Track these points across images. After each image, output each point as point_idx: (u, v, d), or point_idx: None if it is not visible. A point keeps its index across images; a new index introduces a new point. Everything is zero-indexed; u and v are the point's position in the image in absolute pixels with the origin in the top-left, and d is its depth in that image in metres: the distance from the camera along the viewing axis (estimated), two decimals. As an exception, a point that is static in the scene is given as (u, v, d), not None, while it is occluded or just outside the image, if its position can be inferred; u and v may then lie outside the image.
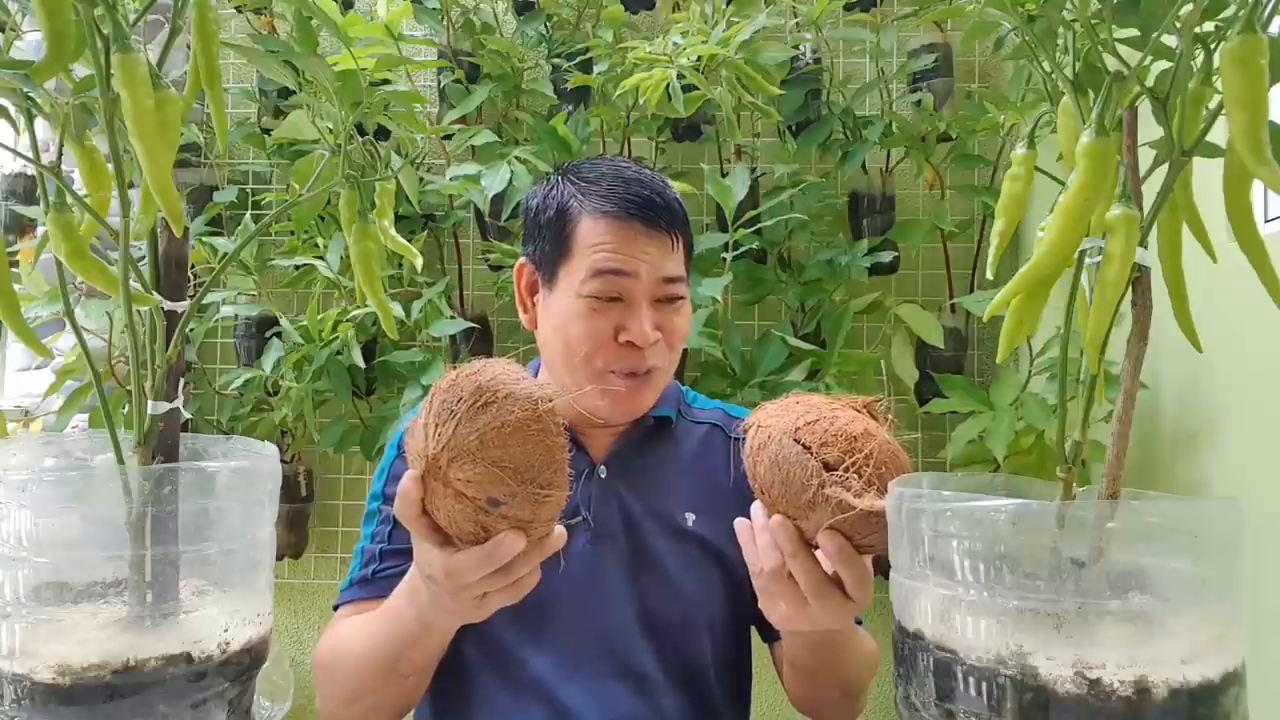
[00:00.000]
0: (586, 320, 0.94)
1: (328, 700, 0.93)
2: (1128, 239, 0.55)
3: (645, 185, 0.97)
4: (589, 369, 0.95)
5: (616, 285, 0.94)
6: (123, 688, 0.56)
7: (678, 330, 0.98)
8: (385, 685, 0.89)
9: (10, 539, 0.57)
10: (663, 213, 0.95)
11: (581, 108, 1.84)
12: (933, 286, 1.92)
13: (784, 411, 0.74)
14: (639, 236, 0.94)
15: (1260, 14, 0.50)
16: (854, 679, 0.95)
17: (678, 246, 0.98)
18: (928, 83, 1.82)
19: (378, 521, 1.00)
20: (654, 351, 0.96)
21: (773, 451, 0.71)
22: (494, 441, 0.63)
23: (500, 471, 0.64)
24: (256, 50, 0.68)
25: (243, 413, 1.82)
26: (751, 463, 0.73)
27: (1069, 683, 0.53)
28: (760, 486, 0.73)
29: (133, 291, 0.61)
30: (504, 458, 0.64)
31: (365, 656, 0.88)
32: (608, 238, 0.94)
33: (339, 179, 0.73)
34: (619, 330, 0.94)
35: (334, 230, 1.73)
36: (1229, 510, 0.57)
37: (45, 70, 0.55)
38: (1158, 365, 1.24)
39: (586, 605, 0.96)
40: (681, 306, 0.99)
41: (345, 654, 0.91)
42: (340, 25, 0.73)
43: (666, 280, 0.96)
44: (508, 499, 0.65)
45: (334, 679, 0.92)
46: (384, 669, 0.87)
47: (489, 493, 0.64)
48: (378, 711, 0.92)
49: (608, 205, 0.95)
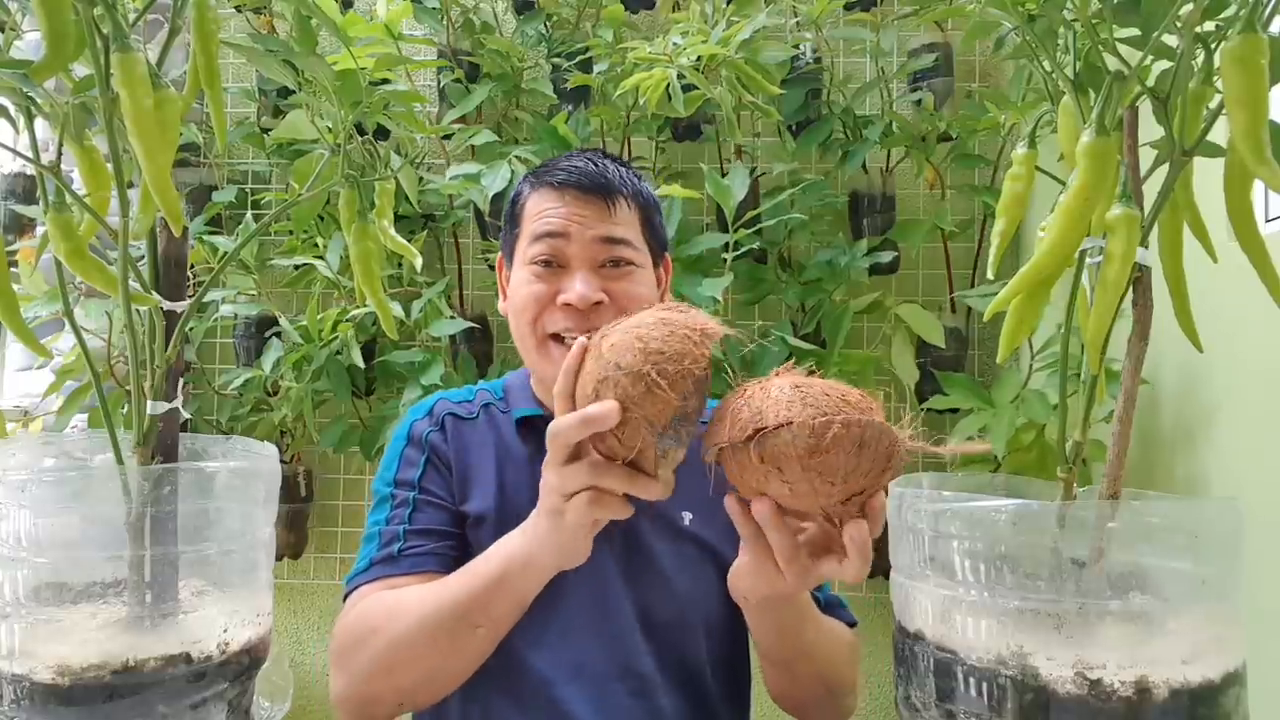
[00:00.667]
0: (529, 286, 0.97)
1: (357, 676, 0.89)
2: (1128, 239, 0.55)
3: (586, 159, 1.00)
4: (534, 335, 0.98)
5: (553, 248, 0.96)
6: (122, 688, 0.56)
7: (630, 295, 0.97)
8: (451, 644, 0.86)
9: (10, 539, 0.57)
10: (596, 178, 0.98)
11: (581, 107, 1.84)
12: (933, 286, 1.92)
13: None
14: (573, 200, 0.97)
15: (1260, 14, 0.50)
16: (833, 672, 0.95)
17: (618, 212, 0.98)
18: (928, 82, 1.82)
19: (393, 506, 0.99)
20: (599, 315, 0.94)
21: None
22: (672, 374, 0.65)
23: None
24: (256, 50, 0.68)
25: (242, 413, 1.82)
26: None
27: (1069, 683, 0.53)
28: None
29: (132, 291, 0.61)
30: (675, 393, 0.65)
31: (431, 614, 0.86)
32: (545, 205, 0.98)
33: (338, 179, 0.73)
34: (559, 294, 0.96)
35: (334, 230, 1.73)
36: (1229, 510, 0.57)
37: (45, 70, 0.55)
38: (1158, 365, 1.24)
39: (586, 605, 0.96)
40: (632, 273, 0.98)
41: (390, 620, 0.88)
42: (340, 25, 0.73)
43: (605, 241, 0.97)
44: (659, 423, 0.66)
45: (371, 650, 0.88)
46: (455, 621, 0.85)
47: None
48: (428, 682, 0.89)
49: (548, 177, 0.99)
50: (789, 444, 0.60)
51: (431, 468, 1.00)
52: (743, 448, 0.63)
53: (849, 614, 1.05)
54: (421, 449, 1.01)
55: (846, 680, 0.98)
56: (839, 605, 1.04)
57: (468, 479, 1.00)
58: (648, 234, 1.02)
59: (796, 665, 0.93)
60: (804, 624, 0.89)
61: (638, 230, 1.00)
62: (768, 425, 0.61)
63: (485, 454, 1.01)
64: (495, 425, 1.03)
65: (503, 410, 1.05)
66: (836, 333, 1.69)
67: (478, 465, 1.00)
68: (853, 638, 1.00)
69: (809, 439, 0.60)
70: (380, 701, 0.90)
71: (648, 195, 1.04)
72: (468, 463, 1.01)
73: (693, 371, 0.65)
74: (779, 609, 0.86)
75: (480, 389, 1.09)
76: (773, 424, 0.61)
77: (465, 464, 1.01)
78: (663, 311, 0.68)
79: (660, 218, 1.06)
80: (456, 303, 1.92)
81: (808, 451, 0.60)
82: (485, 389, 1.09)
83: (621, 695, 0.95)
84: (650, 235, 1.02)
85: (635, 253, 0.99)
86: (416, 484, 0.99)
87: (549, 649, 0.95)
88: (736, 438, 0.63)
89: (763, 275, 1.81)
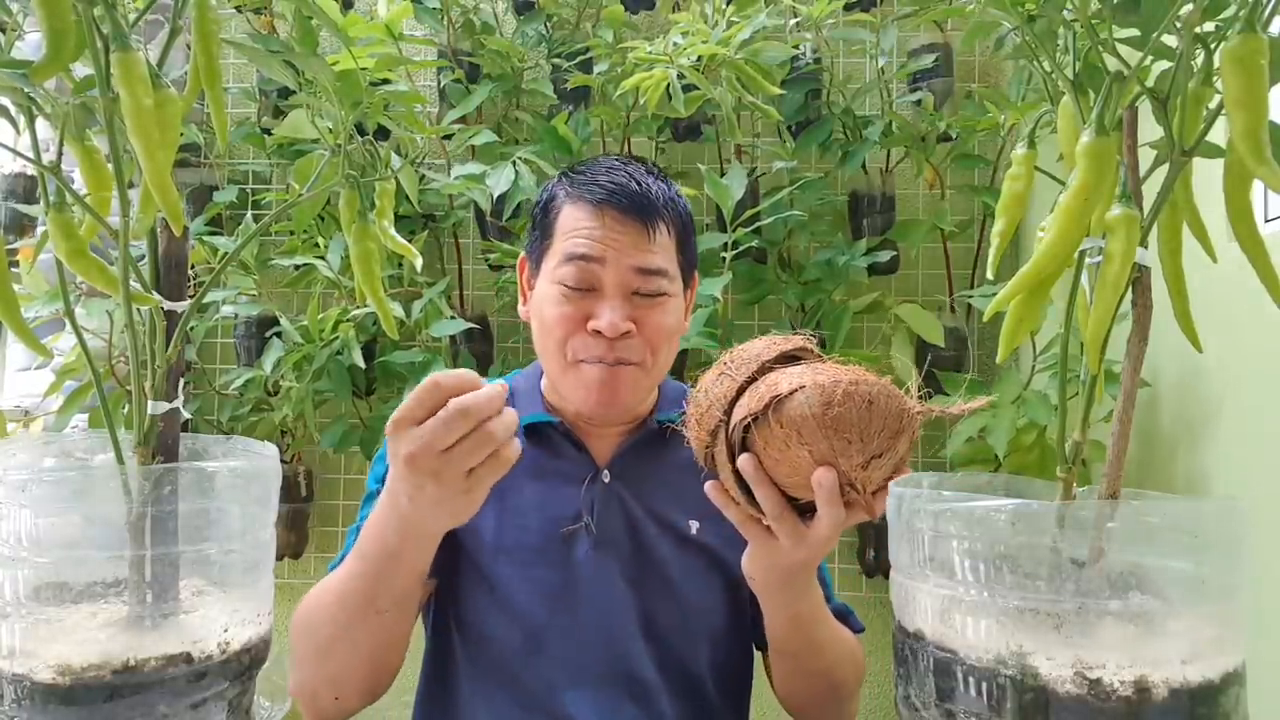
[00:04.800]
0: (559, 306, 0.94)
1: (300, 669, 0.88)
2: (1128, 239, 0.55)
3: (628, 174, 0.96)
4: (561, 357, 0.96)
5: (586, 271, 0.93)
6: (123, 688, 0.56)
7: (658, 326, 0.95)
8: (362, 628, 0.84)
9: (10, 539, 0.57)
10: (638, 200, 0.94)
11: (581, 108, 1.84)
12: (933, 286, 1.92)
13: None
14: (611, 223, 0.93)
15: (1260, 14, 0.50)
16: (839, 671, 0.95)
17: (657, 239, 0.95)
18: (928, 83, 1.82)
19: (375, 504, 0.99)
20: (626, 345, 0.94)
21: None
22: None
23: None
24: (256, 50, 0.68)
25: (243, 413, 1.82)
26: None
27: (1069, 683, 0.53)
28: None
29: (133, 291, 0.61)
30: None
31: (340, 599, 0.84)
32: (581, 223, 0.94)
33: (339, 179, 0.73)
34: (589, 318, 0.93)
35: (334, 230, 1.73)
36: (1229, 510, 0.57)
37: (45, 70, 0.55)
38: (1158, 365, 1.24)
39: (590, 612, 0.96)
40: (664, 303, 0.96)
41: (317, 608, 0.86)
42: (340, 25, 0.73)
43: (640, 271, 0.94)
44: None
45: (305, 640, 0.88)
46: (361, 606, 0.82)
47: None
48: (350, 670, 0.87)
49: (585, 192, 0.95)
50: (803, 404, 0.67)
51: None
52: (763, 418, 0.69)
53: (856, 621, 1.05)
54: None
55: (850, 683, 0.98)
56: (847, 613, 1.04)
57: None
58: (682, 257, 0.99)
59: (804, 659, 0.93)
60: (817, 617, 0.89)
61: (673, 254, 0.98)
62: (782, 393, 0.68)
63: None
64: None
65: None
66: (836, 333, 1.69)
67: None
68: (858, 644, 1.00)
69: (821, 397, 0.66)
70: (318, 695, 0.89)
71: (684, 211, 1.01)
72: None
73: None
74: (792, 596, 0.85)
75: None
76: (786, 390, 0.68)
77: None
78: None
79: (694, 234, 1.03)
80: (457, 303, 1.92)
81: (822, 408, 0.66)
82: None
83: (623, 701, 0.95)
84: (683, 257, 1.00)
85: (669, 282, 0.96)
86: None
87: (553, 655, 0.95)
88: (755, 409, 0.69)
89: (762, 275, 1.81)
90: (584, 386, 0.95)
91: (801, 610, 0.87)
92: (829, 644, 0.93)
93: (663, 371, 1.01)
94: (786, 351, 0.75)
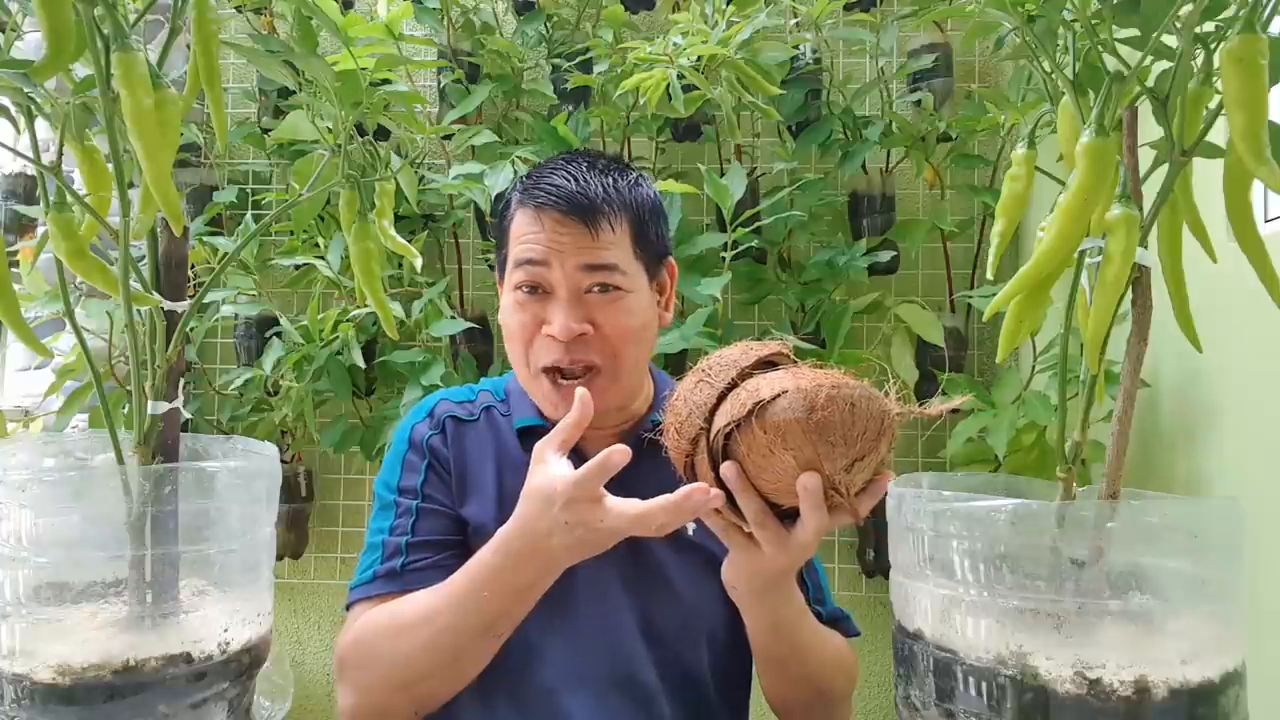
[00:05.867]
0: (515, 314, 0.95)
1: (369, 692, 0.90)
2: (1128, 239, 0.55)
3: (569, 174, 0.95)
4: (525, 368, 0.97)
5: (535, 275, 0.93)
6: (123, 688, 0.56)
7: (617, 326, 0.94)
8: (470, 651, 0.88)
9: (10, 539, 0.57)
10: (576, 200, 0.93)
11: (581, 108, 1.84)
12: (933, 286, 1.92)
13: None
14: (553, 225, 0.93)
15: (1260, 14, 0.50)
16: (826, 677, 0.95)
17: (601, 235, 0.93)
18: (928, 83, 1.82)
19: (396, 515, 0.98)
20: (583, 347, 0.93)
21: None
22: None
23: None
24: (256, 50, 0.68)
25: (243, 413, 1.82)
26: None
27: (1069, 683, 0.53)
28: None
29: (133, 291, 0.61)
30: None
31: (452, 628, 0.86)
32: (525, 228, 0.95)
33: (339, 179, 0.73)
34: (543, 323, 0.94)
35: (334, 230, 1.72)
36: (1229, 510, 0.57)
37: (45, 70, 0.55)
38: (1158, 365, 1.24)
39: (589, 614, 0.96)
40: (621, 299, 0.94)
41: (404, 637, 0.88)
42: (340, 25, 0.73)
43: (589, 268, 0.93)
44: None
45: (383, 667, 0.89)
46: (479, 633, 0.86)
47: None
48: (447, 688, 0.90)
49: (528, 198, 0.95)
50: (787, 409, 0.66)
51: (433, 473, 0.99)
52: (746, 424, 0.68)
53: (852, 626, 1.04)
54: (423, 454, 1.00)
55: (839, 688, 0.97)
56: (843, 618, 1.04)
57: (466, 483, 0.99)
58: (640, 248, 0.97)
59: (790, 665, 0.93)
60: (800, 623, 0.89)
61: (627, 248, 0.96)
62: (764, 398, 0.67)
63: (485, 459, 1.00)
64: (496, 429, 1.02)
65: (504, 414, 1.04)
66: (836, 333, 1.68)
67: (477, 470, 1.00)
68: (850, 650, 1.00)
69: (804, 402, 0.66)
70: (395, 713, 0.91)
71: (641, 203, 0.98)
72: (466, 466, 1.00)
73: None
74: (774, 603, 0.85)
75: (483, 389, 1.07)
76: (769, 396, 0.67)
77: (464, 468, 1.00)
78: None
79: (659, 224, 1.01)
80: (457, 303, 1.92)
81: (806, 413, 0.66)
82: (488, 389, 1.07)
83: (624, 704, 0.95)
84: (643, 249, 0.98)
85: (623, 277, 0.94)
86: (419, 491, 0.98)
87: (553, 658, 0.95)
88: (738, 415, 0.69)
89: (762, 275, 1.80)
90: (549, 401, 0.96)
91: (783, 617, 0.87)
92: (813, 649, 0.92)
93: (635, 370, 0.99)
94: (764, 357, 0.74)
